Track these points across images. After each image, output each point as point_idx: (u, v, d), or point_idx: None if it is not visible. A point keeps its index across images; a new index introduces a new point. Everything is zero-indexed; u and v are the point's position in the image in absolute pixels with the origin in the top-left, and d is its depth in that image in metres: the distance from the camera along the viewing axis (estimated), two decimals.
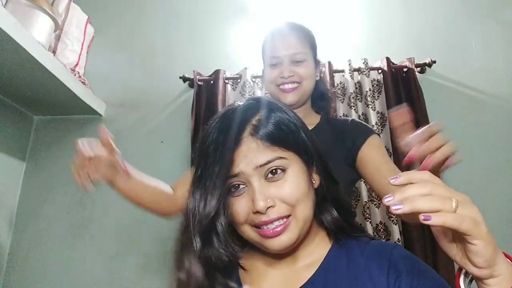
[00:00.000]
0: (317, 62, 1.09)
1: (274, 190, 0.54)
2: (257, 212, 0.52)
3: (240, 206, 0.54)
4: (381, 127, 1.60)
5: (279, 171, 0.54)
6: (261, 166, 0.54)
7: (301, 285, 0.55)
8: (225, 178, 0.54)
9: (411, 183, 0.39)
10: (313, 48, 1.08)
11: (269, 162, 0.54)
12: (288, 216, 0.53)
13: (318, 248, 0.60)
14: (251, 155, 0.54)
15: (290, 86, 1.01)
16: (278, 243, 0.53)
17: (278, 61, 1.02)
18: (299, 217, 0.54)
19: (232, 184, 0.55)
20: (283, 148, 0.55)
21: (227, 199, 0.56)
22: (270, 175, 0.54)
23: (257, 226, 0.54)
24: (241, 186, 0.55)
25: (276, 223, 0.53)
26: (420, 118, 1.57)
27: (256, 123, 0.56)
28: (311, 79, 1.04)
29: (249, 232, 0.55)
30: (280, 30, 1.07)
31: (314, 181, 0.59)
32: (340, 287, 0.53)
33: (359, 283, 0.52)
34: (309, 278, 0.56)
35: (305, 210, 0.55)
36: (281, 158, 0.54)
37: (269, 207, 0.52)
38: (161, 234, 1.54)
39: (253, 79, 1.70)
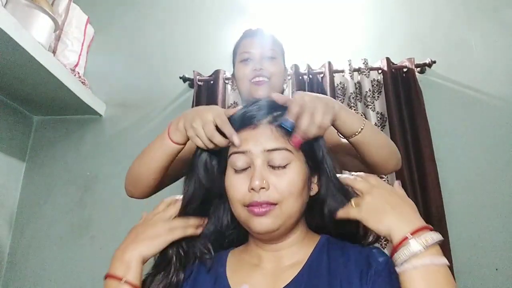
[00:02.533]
0: (285, 67, 1.12)
1: (272, 177, 0.58)
2: (252, 190, 0.57)
3: (239, 184, 0.59)
4: (381, 127, 1.60)
5: (283, 163, 0.59)
6: (268, 150, 0.58)
7: (285, 284, 0.57)
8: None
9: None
10: (282, 52, 1.11)
11: (276, 149, 0.58)
12: (275, 204, 0.57)
13: (303, 249, 0.62)
14: (262, 139, 0.59)
15: (261, 79, 1.03)
16: (261, 224, 0.57)
17: (249, 56, 1.05)
18: (284, 209, 0.57)
19: (237, 167, 0.60)
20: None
21: (229, 176, 0.61)
22: (273, 164, 0.58)
23: (247, 206, 0.58)
24: (245, 166, 0.60)
25: (264, 205, 0.57)
26: (419, 119, 1.57)
27: (277, 115, 0.62)
28: (280, 76, 1.06)
29: (240, 210, 0.59)
30: (252, 31, 1.11)
31: (312, 189, 0.63)
32: (321, 286, 0.55)
33: (338, 282, 0.55)
34: (293, 278, 0.57)
35: (292, 206, 0.58)
36: (288, 150, 0.59)
37: (262, 188, 0.57)
38: None
39: None
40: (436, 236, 0.49)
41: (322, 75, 1.69)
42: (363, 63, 1.66)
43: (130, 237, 0.62)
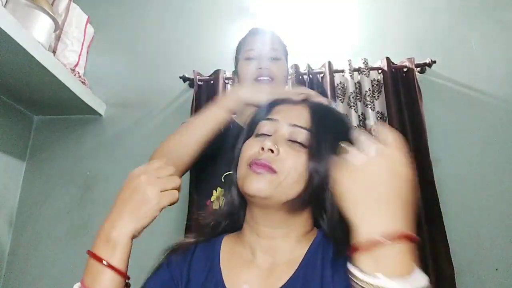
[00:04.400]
0: (288, 68, 1.12)
1: (287, 149, 0.58)
2: (262, 150, 0.57)
3: (254, 145, 0.60)
4: None
5: (301, 144, 0.59)
6: (294, 125, 0.60)
7: (282, 284, 0.55)
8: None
9: None
10: (286, 53, 1.11)
11: (302, 127, 0.60)
12: (276, 172, 0.56)
13: (300, 245, 0.59)
14: (294, 114, 0.62)
15: (265, 78, 1.02)
16: (254, 184, 0.56)
17: (254, 55, 1.05)
18: (281, 182, 0.56)
19: (261, 131, 0.62)
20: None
21: (248, 140, 0.62)
22: (294, 138, 0.59)
23: (250, 164, 0.58)
24: (268, 133, 0.61)
25: (266, 167, 0.56)
26: (418, 119, 1.57)
27: (318, 105, 0.66)
28: (282, 79, 1.07)
29: (243, 169, 0.59)
30: (258, 30, 1.11)
31: None
32: (315, 282, 0.54)
33: (329, 276, 0.53)
34: (289, 278, 0.56)
35: (291, 183, 0.56)
36: (312, 133, 0.60)
37: (271, 151, 0.57)
38: (161, 233, 1.53)
39: None
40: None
41: (322, 75, 1.69)
42: (363, 63, 1.66)
43: (117, 205, 0.55)
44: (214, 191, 1.01)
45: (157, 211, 0.52)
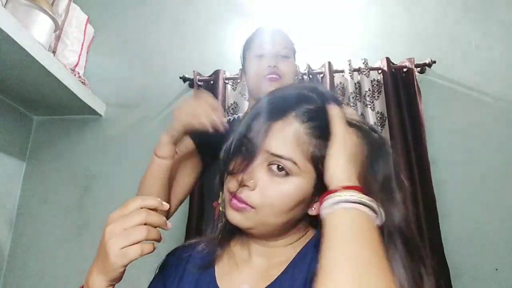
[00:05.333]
0: (296, 67, 1.14)
1: (265, 179, 0.53)
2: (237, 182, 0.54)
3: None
4: (381, 127, 1.60)
5: (283, 171, 0.52)
6: (272, 154, 0.52)
7: (269, 283, 0.55)
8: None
9: None
10: (295, 52, 1.13)
11: (280, 157, 0.52)
12: (253, 208, 0.53)
13: (293, 250, 0.58)
14: (278, 137, 0.53)
15: (275, 76, 1.04)
16: (232, 216, 0.55)
17: (264, 53, 1.06)
18: (260, 217, 0.53)
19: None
20: (311, 156, 0.52)
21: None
22: (274, 167, 0.52)
23: (230, 192, 0.55)
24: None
25: (242, 203, 0.53)
26: (418, 119, 1.57)
27: (310, 108, 0.54)
28: (291, 77, 1.08)
29: (225, 192, 0.57)
30: (267, 28, 1.12)
31: (314, 208, 0.56)
32: (299, 282, 0.53)
33: (311, 274, 0.51)
34: (277, 276, 0.55)
35: (270, 218, 0.53)
36: (294, 163, 0.52)
37: (246, 186, 0.52)
38: (161, 233, 1.54)
39: None
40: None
41: (322, 75, 1.69)
42: (363, 63, 1.66)
43: (98, 251, 0.51)
44: (220, 192, 1.01)
45: (119, 268, 0.48)
